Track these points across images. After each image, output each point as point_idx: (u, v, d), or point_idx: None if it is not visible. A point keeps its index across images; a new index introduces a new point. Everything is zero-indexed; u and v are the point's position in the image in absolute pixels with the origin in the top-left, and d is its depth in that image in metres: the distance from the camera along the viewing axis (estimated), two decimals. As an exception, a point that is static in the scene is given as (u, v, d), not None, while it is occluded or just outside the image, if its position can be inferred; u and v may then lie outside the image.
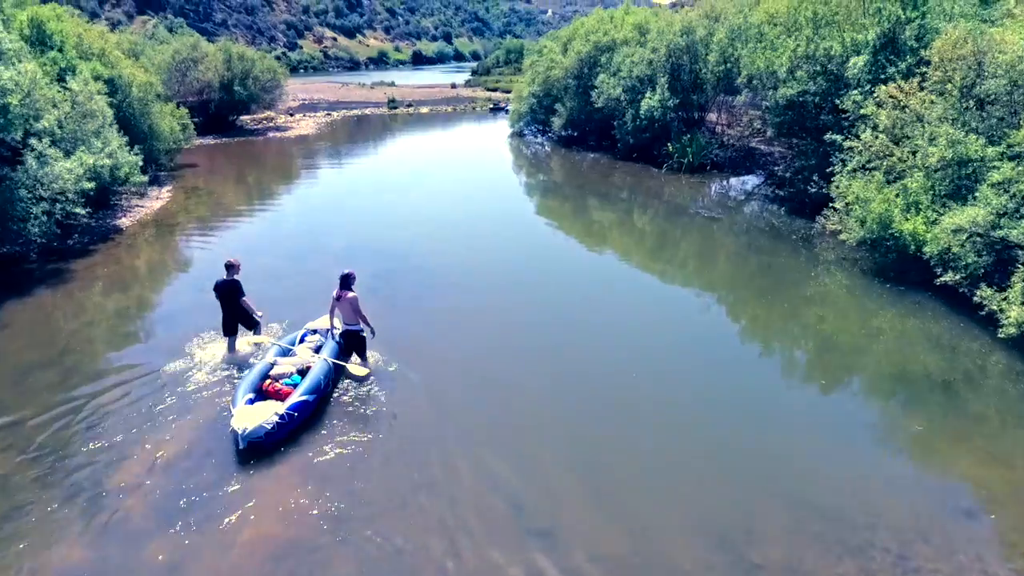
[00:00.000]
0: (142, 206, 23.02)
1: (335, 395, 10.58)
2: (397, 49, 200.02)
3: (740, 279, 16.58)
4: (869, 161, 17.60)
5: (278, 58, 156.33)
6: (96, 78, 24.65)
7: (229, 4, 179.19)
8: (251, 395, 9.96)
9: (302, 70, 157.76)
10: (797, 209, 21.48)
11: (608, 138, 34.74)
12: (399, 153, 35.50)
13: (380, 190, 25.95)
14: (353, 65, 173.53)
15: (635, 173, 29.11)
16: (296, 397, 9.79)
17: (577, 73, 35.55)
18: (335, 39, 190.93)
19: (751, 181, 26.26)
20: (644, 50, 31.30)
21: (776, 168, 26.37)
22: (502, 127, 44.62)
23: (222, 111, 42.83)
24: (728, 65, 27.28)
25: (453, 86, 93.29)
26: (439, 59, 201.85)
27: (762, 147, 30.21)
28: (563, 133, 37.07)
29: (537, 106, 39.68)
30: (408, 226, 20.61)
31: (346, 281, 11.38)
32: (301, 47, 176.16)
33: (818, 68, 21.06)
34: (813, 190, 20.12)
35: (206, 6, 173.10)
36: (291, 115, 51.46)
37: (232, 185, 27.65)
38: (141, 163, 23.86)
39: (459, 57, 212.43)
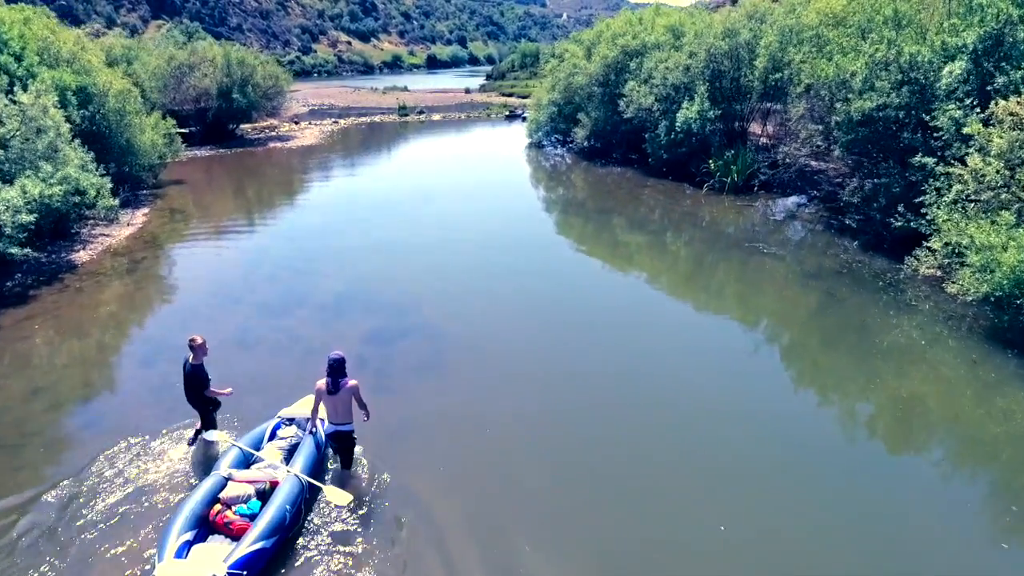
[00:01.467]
0: (108, 235, 19.81)
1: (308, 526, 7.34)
2: (411, 53, 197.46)
3: (818, 337, 13.01)
4: (976, 192, 14.04)
5: (291, 62, 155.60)
6: (62, 88, 21.56)
7: (244, 8, 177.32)
8: (190, 533, 6.98)
9: (316, 74, 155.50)
10: (873, 244, 17.85)
11: (637, 151, 31.19)
12: (407, 167, 32.12)
13: (382, 214, 22.58)
14: (367, 69, 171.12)
15: (669, 192, 25.55)
16: (247, 544, 6.70)
17: (603, 80, 32.03)
18: (349, 43, 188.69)
19: (807, 206, 22.59)
20: (680, 55, 27.72)
21: (838, 192, 22.70)
22: (518, 135, 41.19)
23: (221, 120, 39.76)
24: (781, 72, 23.64)
25: (467, 91, 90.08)
26: (453, 63, 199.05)
27: (812, 162, 26.55)
28: (586, 145, 33.55)
29: (557, 115, 36.23)
30: (411, 263, 17.22)
31: (340, 368, 8.20)
32: (315, 51, 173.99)
33: (901, 77, 17.42)
34: (899, 223, 16.48)
35: (221, 10, 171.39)
36: (296, 123, 48.36)
37: (217, 207, 24.41)
38: (111, 184, 20.83)
39: (473, 61, 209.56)
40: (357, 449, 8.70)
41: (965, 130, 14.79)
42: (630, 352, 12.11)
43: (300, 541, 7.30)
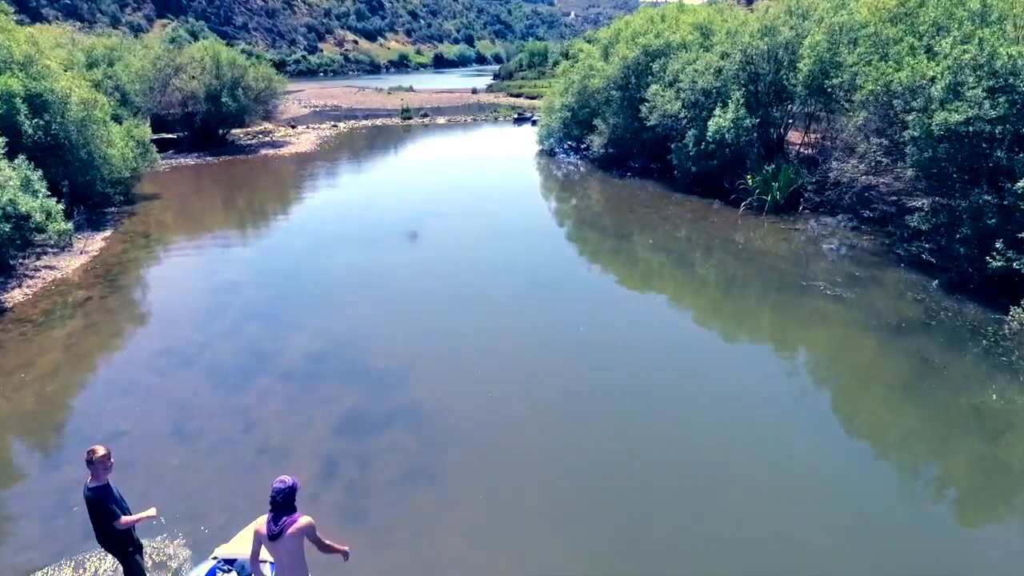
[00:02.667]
0: (54, 267, 16.90)
1: None
2: (418, 52, 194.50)
3: (925, 435, 9.92)
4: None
5: (297, 61, 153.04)
6: (9, 95, 18.72)
7: (250, 7, 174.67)
8: None
9: (321, 73, 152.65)
10: (958, 284, 14.73)
11: (660, 162, 28.12)
12: (405, 180, 29.07)
13: (373, 242, 19.58)
14: (373, 68, 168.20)
15: (698, 210, 22.47)
16: None
17: (622, 83, 28.93)
18: (356, 42, 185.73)
19: (862, 229, 19.46)
20: (710, 55, 24.59)
21: (898, 213, 19.59)
22: (528, 140, 38.10)
23: (210, 125, 36.86)
24: (830, 76, 20.49)
25: (474, 91, 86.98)
26: (461, 62, 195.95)
27: (861, 176, 23.41)
28: (603, 153, 30.41)
29: (571, 120, 33.13)
30: (403, 310, 14.24)
31: (286, 502, 5.26)
32: (321, 50, 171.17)
33: (994, 83, 14.29)
34: (998, 263, 13.38)
35: (227, 9, 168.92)
36: (293, 127, 45.44)
37: (189, 230, 21.47)
38: (64, 205, 17.99)
39: (481, 60, 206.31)
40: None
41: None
42: (685, 467, 9.06)
43: None
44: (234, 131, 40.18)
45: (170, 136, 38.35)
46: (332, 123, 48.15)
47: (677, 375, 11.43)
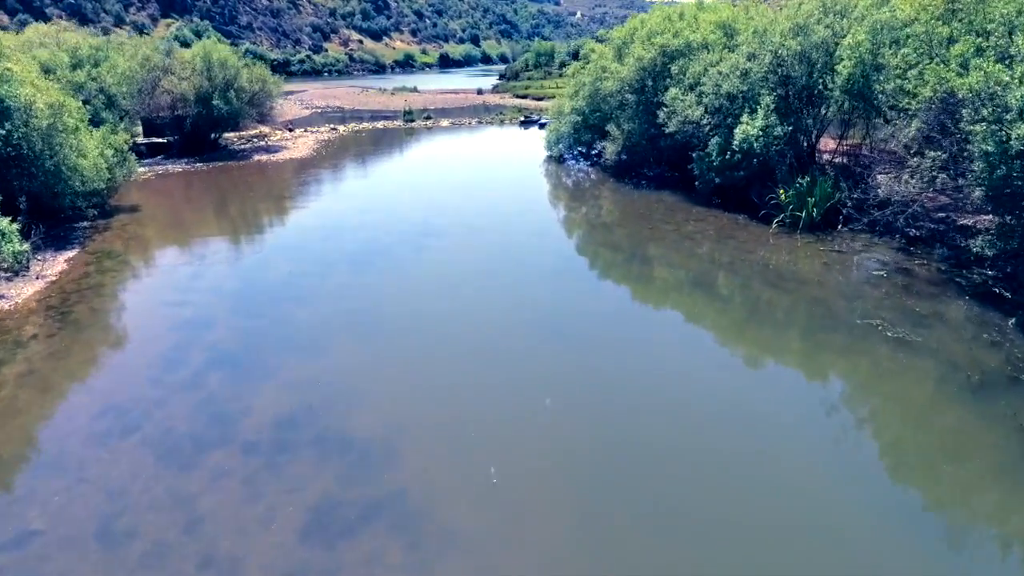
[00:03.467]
0: (4, 295, 14.89)
1: None
2: (424, 52, 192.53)
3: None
4: None
5: (302, 61, 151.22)
6: (-41, 100, 16.72)
7: (254, 7, 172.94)
8: None
9: (326, 73, 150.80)
10: (1038, 324, 12.56)
11: (679, 170, 26.00)
12: (405, 189, 26.97)
13: (364, 266, 17.57)
14: (379, 68, 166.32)
15: (723, 227, 20.34)
16: None
17: (637, 86, 26.78)
18: (361, 42, 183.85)
19: (913, 252, 17.29)
20: (735, 56, 22.42)
21: (949, 232, 17.45)
22: (535, 145, 35.96)
23: (200, 129, 34.87)
24: (884, 81, 18.34)
25: (479, 92, 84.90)
26: (466, 62, 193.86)
27: (895, 186, 21.24)
28: (617, 161, 28.25)
29: (582, 125, 31.00)
30: (394, 357, 12.19)
31: None
32: (326, 50, 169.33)
33: (1085, 91, 12.12)
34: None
35: (231, 9, 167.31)
36: (290, 130, 43.45)
37: (161, 248, 19.48)
38: (20, 223, 16.08)
39: (486, 60, 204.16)
40: None
41: None
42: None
43: None
44: (227, 135, 38.22)
45: (160, 140, 36.48)
46: (332, 126, 46.15)
47: (725, 456, 9.30)
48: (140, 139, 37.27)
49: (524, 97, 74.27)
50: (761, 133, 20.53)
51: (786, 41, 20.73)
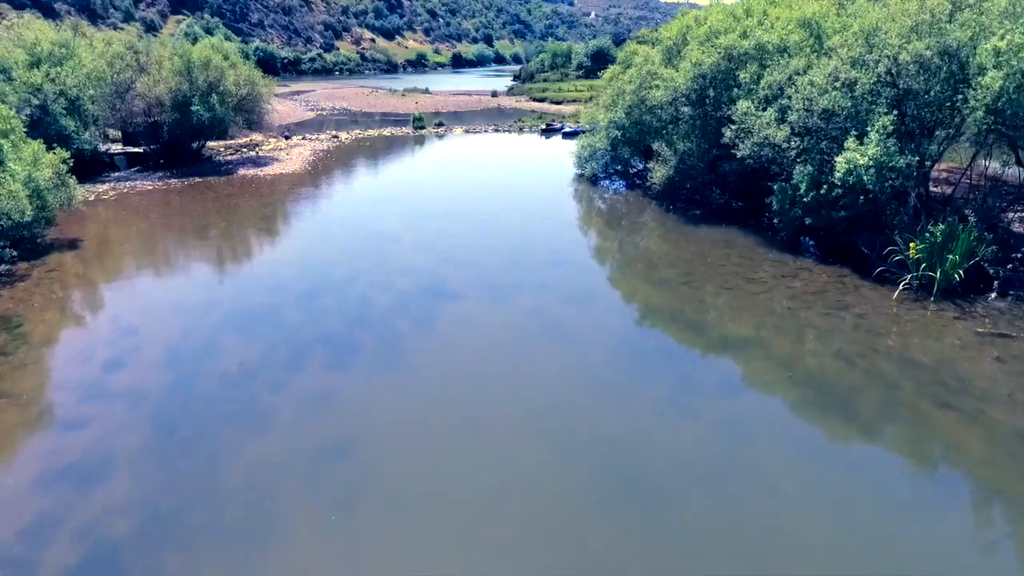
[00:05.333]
0: None
1: None
2: (437, 51, 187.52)
3: None
4: None
5: (312, 59, 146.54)
6: None
7: (266, 4, 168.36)
8: None
9: (337, 72, 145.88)
10: None
11: (746, 199, 20.91)
12: (408, 220, 21.79)
13: (348, 341, 12.71)
14: (390, 68, 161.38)
15: (823, 286, 15.26)
16: None
17: (695, 96, 21.62)
18: (373, 40, 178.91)
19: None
20: (835, 62, 17.22)
21: None
22: (560, 158, 30.84)
23: (179, 138, 29.99)
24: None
25: (494, 94, 79.68)
26: (479, 62, 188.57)
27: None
28: (667, 186, 23.03)
29: (621, 141, 25.84)
30: (376, 547, 7.15)
31: None
32: (338, 48, 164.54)
33: None
34: None
35: (242, 6, 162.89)
36: (286, 137, 38.51)
37: (80, 312, 14.55)
38: None
39: (500, 60, 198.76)
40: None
41: None
42: None
43: None
44: (214, 143, 33.35)
45: (137, 150, 31.67)
46: (332, 133, 41.17)
47: None
48: (117, 148, 32.53)
49: (542, 100, 69.13)
50: (873, 163, 15.39)
51: (915, 45, 15.52)
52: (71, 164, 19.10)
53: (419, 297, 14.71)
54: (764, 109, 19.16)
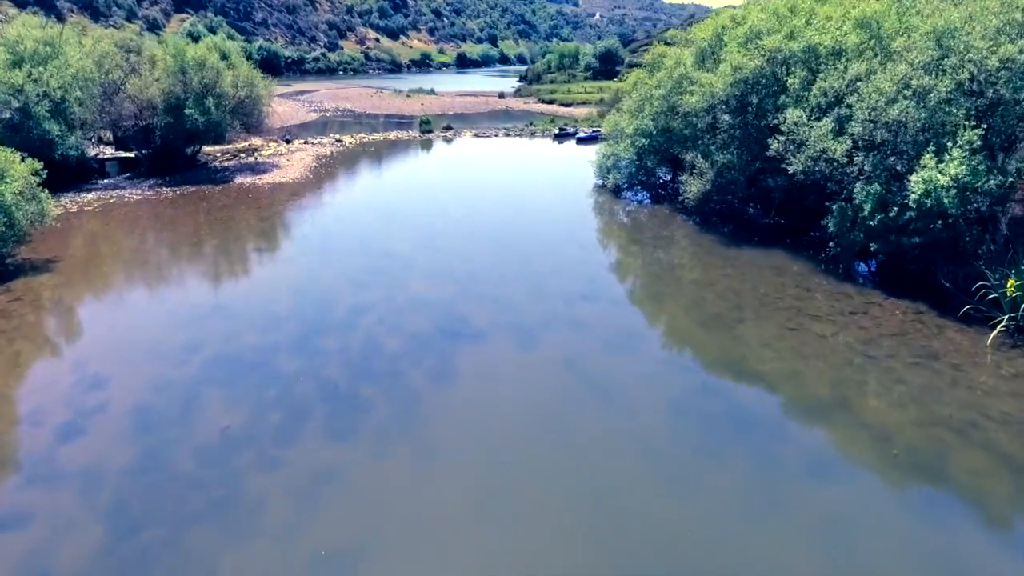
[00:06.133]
0: None
1: None
2: (441, 51, 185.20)
3: None
4: None
5: (316, 59, 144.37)
6: None
7: (270, 3, 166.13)
8: None
9: (341, 72, 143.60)
10: None
11: (796, 218, 18.78)
12: (418, 237, 19.64)
13: (353, 407, 10.69)
14: (395, 67, 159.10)
15: (899, 325, 13.14)
16: None
17: (736, 103, 19.46)
18: (378, 40, 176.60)
19: None
20: (905, 67, 15.05)
21: None
22: (575, 163, 28.74)
23: (172, 143, 27.89)
24: None
25: (501, 95, 77.45)
26: (484, 62, 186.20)
27: None
28: (703, 201, 20.81)
29: (647, 149, 23.68)
30: None
31: None
32: (342, 48, 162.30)
33: None
34: None
35: (246, 5, 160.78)
36: (287, 141, 36.38)
37: (42, 354, 12.48)
38: None
39: (504, 60, 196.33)
40: None
41: None
42: None
43: None
44: (210, 148, 31.22)
45: (129, 155, 29.59)
46: (336, 137, 39.03)
47: None
48: (110, 152, 30.47)
49: (550, 103, 66.90)
50: (954, 184, 13.25)
51: (1000, 47, 13.36)
52: (44, 176, 16.97)
53: (435, 339, 12.57)
54: (817, 119, 17.04)
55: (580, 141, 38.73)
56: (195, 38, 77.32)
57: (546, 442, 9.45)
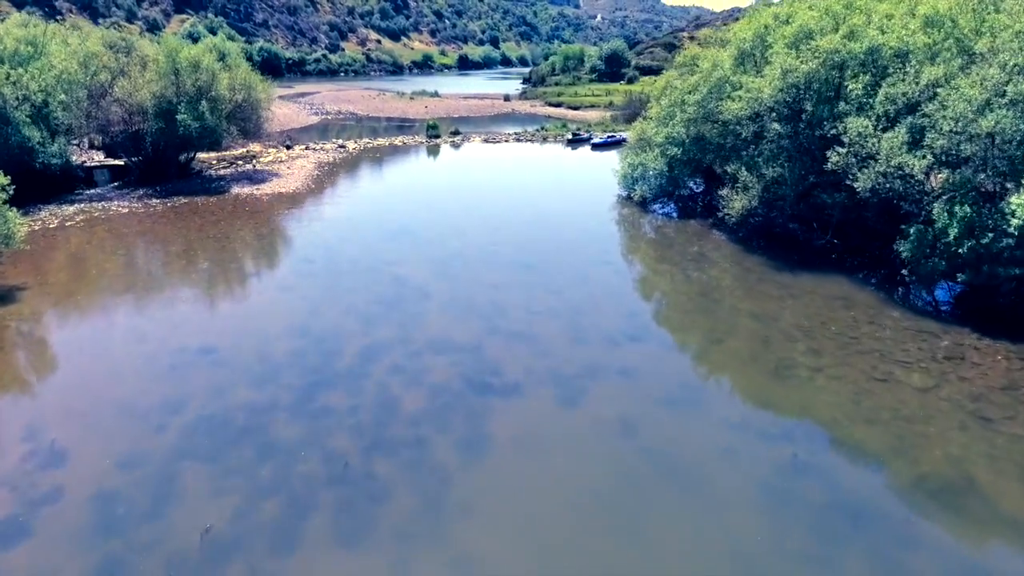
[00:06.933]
0: None
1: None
2: (443, 53, 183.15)
3: None
4: None
5: (318, 60, 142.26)
6: None
7: (271, 4, 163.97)
8: None
9: (342, 73, 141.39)
10: None
11: (854, 238, 16.71)
12: (433, 263, 17.56)
13: (368, 505, 8.54)
14: (396, 69, 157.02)
15: (994, 369, 11.18)
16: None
17: (787, 110, 17.37)
18: (379, 41, 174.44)
19: None
20: (996, 72, 12.99)
21: None
22: (594, 171, 26.65)
23: (164, 150, 25.78)
24: None
25: (506, 98, 75.38)
26: (485, 64, 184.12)
27: None
28: (747, 218, 18.69)
29: (679, 159, 21.60)
30: None
31: None
32: (343, 49, 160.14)
33: None
34: None
35: (247, 5, 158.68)
36: (287, 147, 34.24)
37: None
38: None
39: (506, 62, 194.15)
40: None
41: None
42: None
43: None
44: (206, 156, 29.11)
45: (119, 163, 27.43)
46: (339, 142, 36.91)
47: None
48: (98, 160, 28.24)
49: (558, 106, 64.84)
50: (1065, 208, 11.18)
51: None
52: (11, 194, 14.86)
53: (462, 394, 10.48)
54: (884, 129, 14.99)
55: (595, 147, 36.66)
56: (195, 39, 75.25)
57: (611, 545, 7.39)
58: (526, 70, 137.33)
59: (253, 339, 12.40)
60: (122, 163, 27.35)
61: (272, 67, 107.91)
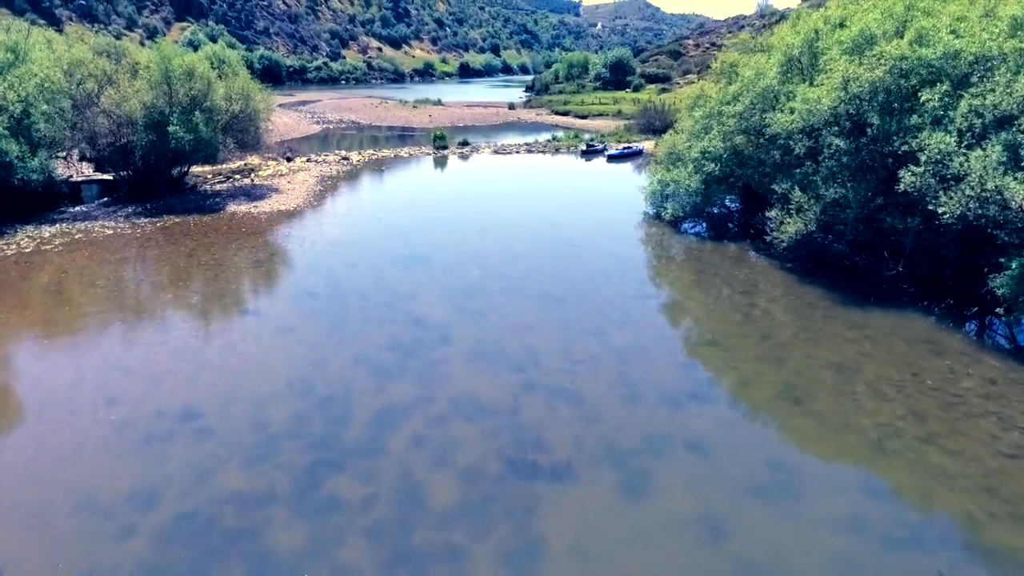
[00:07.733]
0: None
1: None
2: (444, 61, 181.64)
3: None
4: None
5: (319, 68, 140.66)
6: None
7: (272, 11, 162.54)
8: None
9: (344, 81, 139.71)
10: None
11: (928, 267, 14.68)
12: (451, 294, 15.53)
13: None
14: (397, 77, 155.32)
15: None
16: None
17: (850, 123, 15.37)
18: (380, 49, 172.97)
19: None
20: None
21: None
22: (614, 184, 24.62)
23: (154, 164, 23.79)
24: None
25: (511, 106, 73.51)
26: (486, 71, 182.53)
27: None
28: (800, 244, 16.59)
29: (715, 176, 19.60)
30: None
31: None
32: (344, 57, 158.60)
33: None
34: None
35: (248, 13, 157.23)
36: (288, 159, 32.25)
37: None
38: None
39: (507, 70, 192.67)
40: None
41: None
42: None
43: None
44: (200, 169, 27.11)
45: (107, 177, 25.41)
46: (342, 154, 34.93)
47: None
48: (85, 174, 26.18)
49: (564, 114, 62.89)
50: None
51: None
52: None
53: (500, 478, 8.43)
54: (968, 146, 13.02)
55: (611, 159, 34.72)
56: (195, 47, 73.57)
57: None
58: (527, 78, 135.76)
59: (246, 400, 10.32)
60: (111, 178, 25.37)
61: (273, 75, 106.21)
